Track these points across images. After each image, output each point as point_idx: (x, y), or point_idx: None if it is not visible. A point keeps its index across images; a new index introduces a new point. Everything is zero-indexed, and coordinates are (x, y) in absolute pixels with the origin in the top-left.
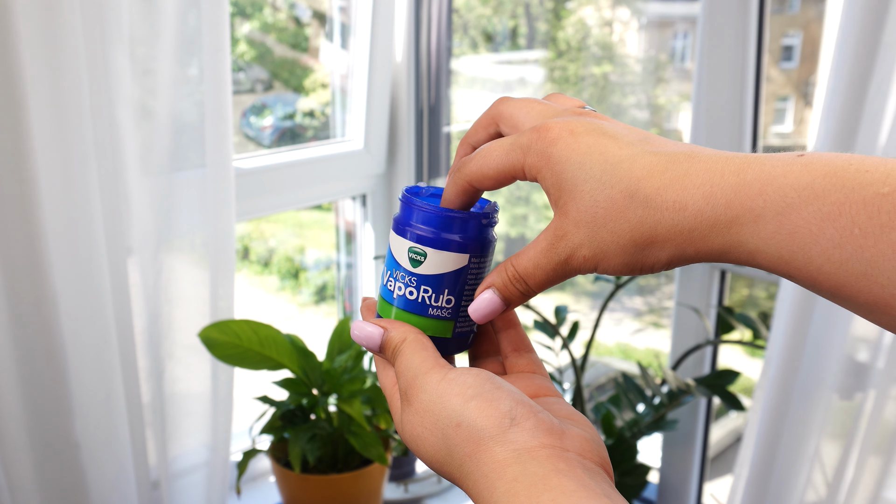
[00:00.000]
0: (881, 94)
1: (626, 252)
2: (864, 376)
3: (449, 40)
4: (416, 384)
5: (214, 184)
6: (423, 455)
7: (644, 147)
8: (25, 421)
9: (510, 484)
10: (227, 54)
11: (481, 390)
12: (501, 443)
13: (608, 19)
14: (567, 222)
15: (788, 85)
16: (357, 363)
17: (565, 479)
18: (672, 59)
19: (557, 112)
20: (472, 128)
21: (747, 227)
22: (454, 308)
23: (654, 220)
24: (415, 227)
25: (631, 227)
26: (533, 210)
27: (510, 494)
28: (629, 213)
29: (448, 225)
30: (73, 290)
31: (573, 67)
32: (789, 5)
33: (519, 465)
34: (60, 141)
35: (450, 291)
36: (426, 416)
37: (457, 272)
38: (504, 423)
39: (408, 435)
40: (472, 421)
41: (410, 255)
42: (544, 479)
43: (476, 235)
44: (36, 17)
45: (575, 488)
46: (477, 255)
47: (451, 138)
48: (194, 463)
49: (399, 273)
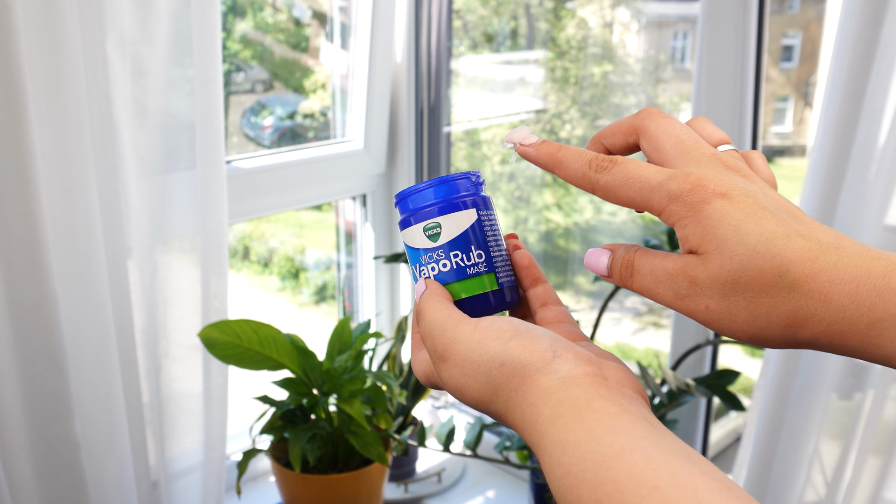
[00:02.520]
0: (880, 93)
1: (756, 324)
2: (863, 376)
3: (449, 40)
4: (446, 338)
5: (207, 183)
6: (468, 401)
7: (795, 226)
8: (25, 421)
9: (555, 408)
10: (218, 55)
11: (518, 332)
12: (546, 373)
13: (608, 21)
14: (704, 271)
15: (788, 85)
16: (357, 363)
17: (608, 403)
18: (672, 59)
19: (706, 154)
20: (612, 128)
21: (888, 332)
22: (488, 260)
23: (797, 305)
24: (418, 210)
25: (772, 304)
26: (533, 213)
27: (555, 417)
28: (774, 290)
29: (446, 191)
30: (73, 290)
31: (573, 67)
32: (789, 5)
33: (563, 391)
34: (60, 141)
35: (476, 246)
36: (466, 364)
37: (473, 227)
38: (547, 356)
39: (451, 388)
40: (517, 358)
41: (427, 233)
42: (588, 403)
43: (474, 191)
44: (35, 17)
45: (617, 411)
46: (483, 209)
47: (451, 138)
48: (191, 462)
49: (425, 258)
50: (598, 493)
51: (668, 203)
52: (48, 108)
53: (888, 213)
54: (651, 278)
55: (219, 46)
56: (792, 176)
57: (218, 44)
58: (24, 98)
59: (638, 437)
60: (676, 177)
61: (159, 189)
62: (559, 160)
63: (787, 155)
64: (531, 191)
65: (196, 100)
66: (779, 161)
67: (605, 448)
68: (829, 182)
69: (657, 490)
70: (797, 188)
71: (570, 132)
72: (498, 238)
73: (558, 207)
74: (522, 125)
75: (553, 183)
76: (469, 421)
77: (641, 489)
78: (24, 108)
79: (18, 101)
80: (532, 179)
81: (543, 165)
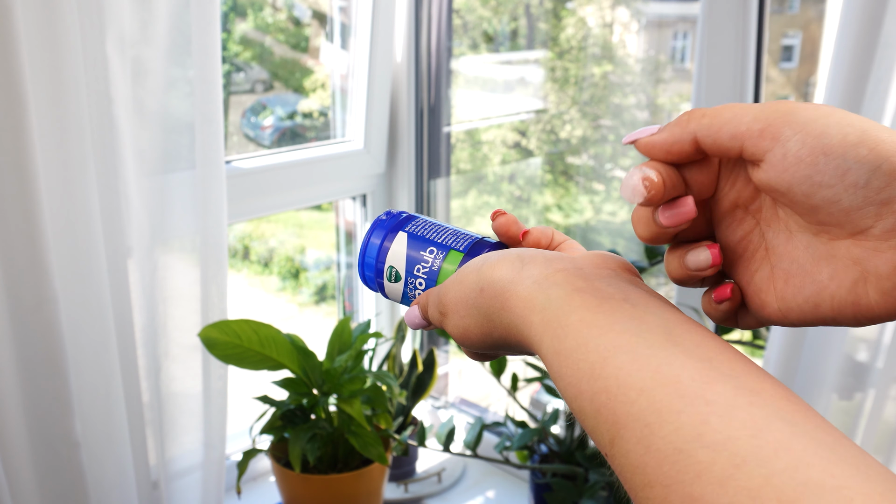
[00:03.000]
0: (880, 93)
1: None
2: (863, 376)
3: (449, 40)
4: (439, 299)
5: (207, 183)
6: (475, 343)
7: None
8: (25, 421)
9: (542, 313)
10: (218, 56)
11: (488, 257)
12: (520, 281)
13: (608, 21)
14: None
15: (788, 85)
16: (357, 363)
17: (587, 295)
18: (672, 59)
19: None
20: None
21: None
22: (440, 247)
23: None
24: (371, 270)
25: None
26: (534, 213)
27: (544, 323)
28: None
29: (368, 247)
30: (73, 290)
31: (573, 68)
32: (789, 5)
33: (542, 293)
34: (60, 141)
35: (425, 249)
36: (459, 307)
37: (410, 241)
38: (517, 266)
39: (459, 337)
40: (490, 278)
41: (392, 279)
42: (568, 300)
43: (384, 225)
44: (35, 17)
45: (597, 303)
46: (407, 224)
47: (451, 138)
48: (192, 462)
49: (409, 293)
50: (596, 403)
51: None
52: (48, 108)
53: None
54: (729, 106)
55: (218, 47)
56: None
57: (218, 44)
58: (24, 98)
59: (621, 331)
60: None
61: (159, 189)
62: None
63: None
64: (531, 191)
65: (196, 100)
66: None
67: (593, 354)
68: None
69: (643, 392)
70: None
71: (571, 132)
72: (436, 226)
73: (559, 208)
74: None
75: (553, 183)
76: (469, 421)
77: (630, 394)
78: (24, 108)
79: (18, 101)
80: (532, 180)
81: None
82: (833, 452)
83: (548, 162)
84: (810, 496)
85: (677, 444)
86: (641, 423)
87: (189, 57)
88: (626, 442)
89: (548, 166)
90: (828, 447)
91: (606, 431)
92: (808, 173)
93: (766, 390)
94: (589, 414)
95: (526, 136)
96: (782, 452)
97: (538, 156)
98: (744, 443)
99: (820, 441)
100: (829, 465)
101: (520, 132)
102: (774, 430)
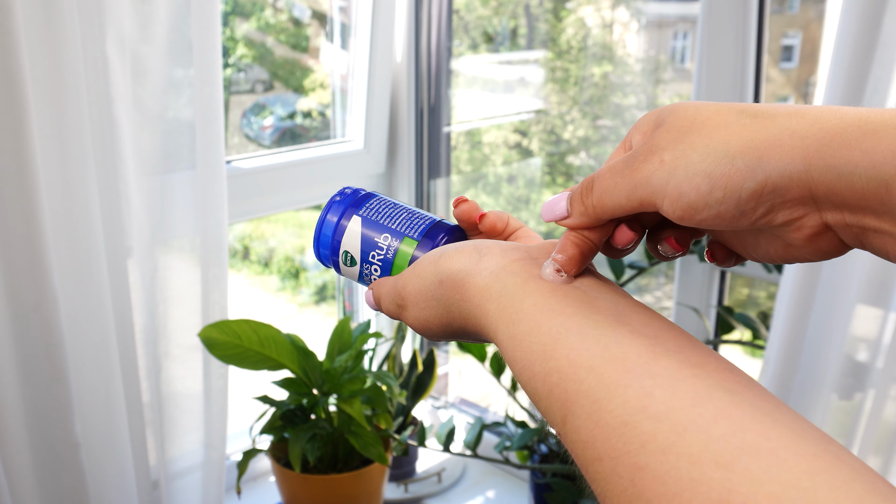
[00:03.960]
0: (879, 93)
1: (720, 163)
2: (863, 376)
3: (449, 40)
4: (396, 291)
5: (207, 183)
6: (435, 333)
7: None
8: (25, 421)
9: (498, 301)
10: (218, 56)
11: (445, 249)
12: (477, 272)
13: (608, 20)
14: (657, 134)
15: (788, 85)
16: (357, 363)
17: (541, 281)
18: (672, 59)
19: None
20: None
21: (868, 141)
22: (395, 233)
23: (762, 126)
24: (328, 251)
25: (734, 133)
26: (534, 214)
27: (500, 311)
28: (734, 121)
29: (323, 227)
30: (73, 290)
31: (573, 68)
32: (789, 5)
33: (499, 282)
34: (60, 141)
35: (379, 236)
36: (418, 299)
37: (365, 227)
38: (474, 258)
39: (419, 329)
40: (448, 270)
41: (348, 262)
42: (524, 286)
43: (340, 206)
44: (35, 17)
45: (550, 288)
46: (362, 208)
47: (451, 138)
48: (192, 462)
49: (364, 277)
50: (548, 383)
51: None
52: (48, 108)
53: None
54: (610, 174)
55: (219, 47)
56: None
57: (218, 44)
58: (25, 98)
59: (572, 313)
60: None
61: (159, 189)
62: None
63: None
64: (531, 191)
65: (196, 100)
66: None
67: (545, 336)
68: None
69: (592, 370)
70: None
71: (572, 133)
72: (392, 208)
73: None
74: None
75: (553, 183)
76: (469, 421)
77: (579, 372)
78: (24, 108)
79: (18, 101)
80: (532, 180)
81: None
82: (770, 417)
83: (548, 163)
84: (746, 458)
85: (624, 418)
86: (590, 400)
87: (189, 57)
88: (577, 418)
89: (548, 167)
90: (765, 413)
91: (559, 410)
92: (696, 222)
93: (709, 363)
94: (542, 395)
95: (527, 136)
96: (721, 419)
97: (538, 156)
98: (685, 412)
99: (758, 408)
100: (765, 430)
101: (520, 133)
102: (715, 399)
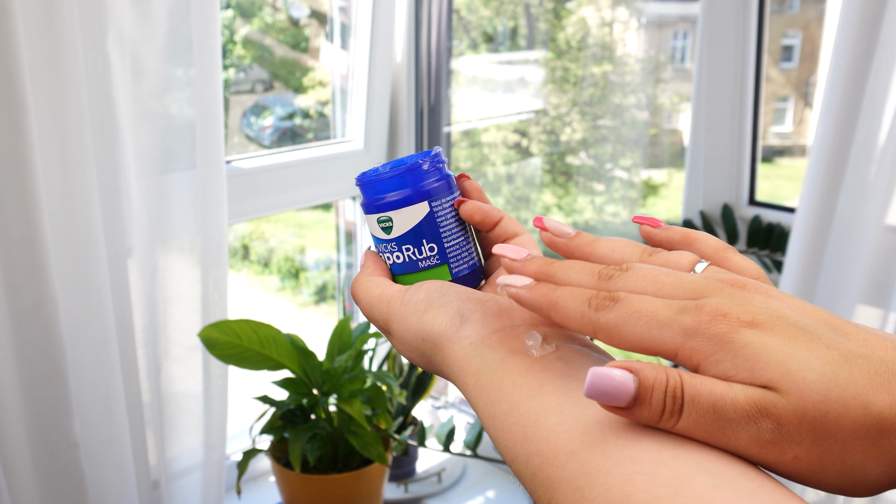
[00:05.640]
0: (879, 93)
1: (851, 475)
2: None
3: (449, 40)
4: (383, 316)
5: (207, 183)
6: (420, 367)
7: (847, 344)
8: (25, 421)
9: (476, 377)
10: (218, 56)
11: (430, 302)
12: (457, 341)
13: (608, 20)
14: (787, 405)
15: (788, 85)
16: (357, 363)
17: (519, 357)
18: (672, 59)
19: (697, 280)
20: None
21: None
22: (441, 252)
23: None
24: (372, 200)
25: (865, 449)
26: (533, 213)
27: (478, 387)
28: (863, 429)
29: (393, 185)
30: (73, 290)
31: (573, 67)
32: (789, 5)
33: (477, 356)
34: (60, 140)
35: (428, 240)
36: (403, 340)
37: (424, 221)
38: (455, 323)
39: (404, 356)
40: (430, 330)
41: (381, 226)
42: (501, 363)
43: (422, 182)
44: (35, 17)
45: (529, 364)
46: (436, 199)
47: (452, 138)
48: (192, 462)
49: (381, 246)
50: (531, 467)
51: (684, 340)
52: (48, 108)
53: (888, 213)
54: (714, 416)
55: (219, 47)
56: (792, 176)
57: (218, 44)
58: (25, 98)
59: (550, 391)
60: (688, 308)
61: (159, 189)
62: (554, 302)
63: (787, 155)
64: (531, 191)
65: (196, 100)
66: (779, 161)
67: (524, 418)
68: (829, 182)
69: (573, 454)
70: (797, 188)
71: (571, 135)
72: (454, 226)
73: (559, 208)
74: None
75: (553, 183)
76: (469, 421)
77: (560, 457)
78: (24, 108)
79: (18, 101)
80: (532, 180)
81: (538, 310)
82: (754, 501)
83: (547, 162)
84: None
85: None
86: (573, 487)
87: (189, 57)
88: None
89: (548, 166)
90: (748, 495)
91: (544, 494)
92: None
93: (689, 441)
94: (526, 477)
95: (527, 136)
96: None
97: (538, 156)
98: (667, 502)
99: (740, 490)
100: None
101: (520, 133)
102: (696, 485)
